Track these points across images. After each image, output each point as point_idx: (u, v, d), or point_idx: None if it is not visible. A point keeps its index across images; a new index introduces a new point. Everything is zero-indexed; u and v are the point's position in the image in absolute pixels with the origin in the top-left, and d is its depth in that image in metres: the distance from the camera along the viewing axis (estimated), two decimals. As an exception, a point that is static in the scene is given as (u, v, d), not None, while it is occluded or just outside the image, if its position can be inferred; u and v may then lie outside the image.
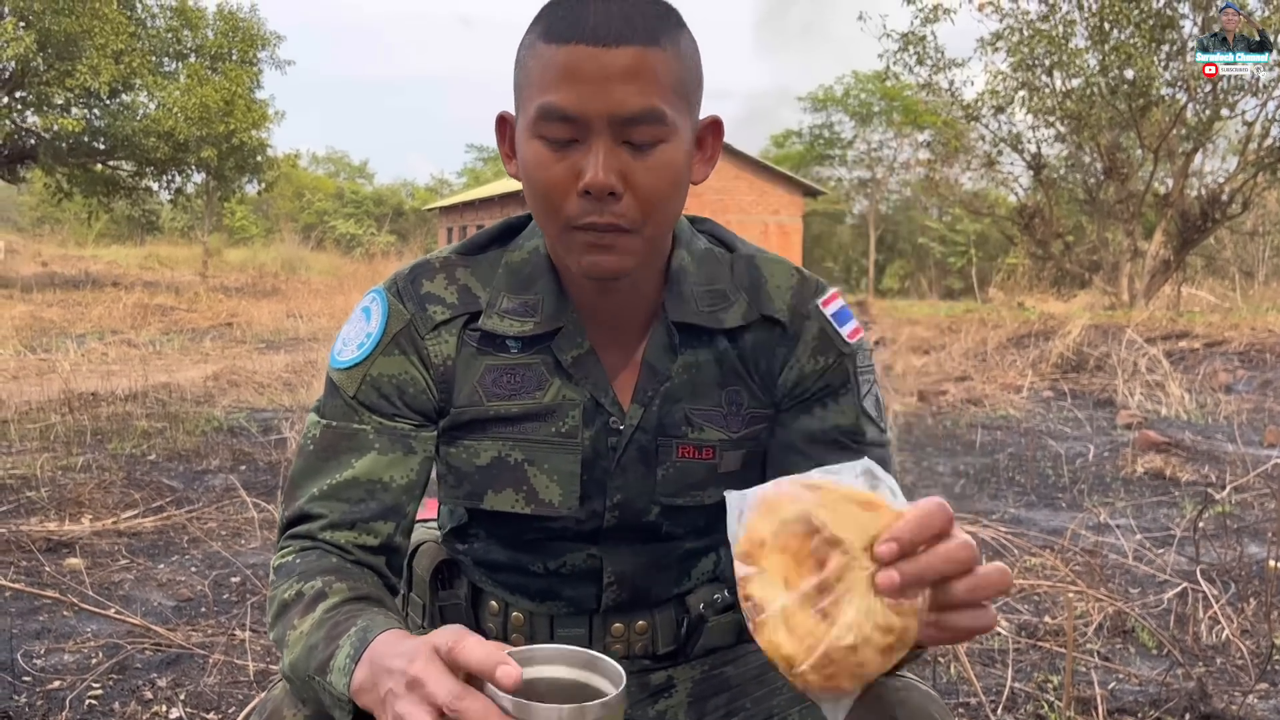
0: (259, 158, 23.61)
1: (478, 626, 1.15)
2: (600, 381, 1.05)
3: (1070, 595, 2.80)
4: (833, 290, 1.11)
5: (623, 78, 0.89)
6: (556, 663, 0.76)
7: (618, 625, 1.12)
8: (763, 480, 1.11)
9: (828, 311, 1.08)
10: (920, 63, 19.24)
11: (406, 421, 1.03)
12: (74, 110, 21.09)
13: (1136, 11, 16.47)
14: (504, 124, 1.02)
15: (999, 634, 2.82)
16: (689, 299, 1.05)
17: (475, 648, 0.72)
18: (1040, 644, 2.77)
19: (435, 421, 1.05)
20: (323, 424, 1.03)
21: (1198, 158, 18.61)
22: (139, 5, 22.23)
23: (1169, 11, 16.74)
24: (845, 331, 1.08)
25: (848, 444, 1.06)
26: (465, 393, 1.04)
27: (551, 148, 0.92)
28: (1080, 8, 17.55)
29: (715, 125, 1.02)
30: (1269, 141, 17.41)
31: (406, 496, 1.02)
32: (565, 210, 0.93)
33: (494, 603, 1.14)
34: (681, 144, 0.95)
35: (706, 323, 1.05)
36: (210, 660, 2.50)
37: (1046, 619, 2.96)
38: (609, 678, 0.74)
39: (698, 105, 0.98)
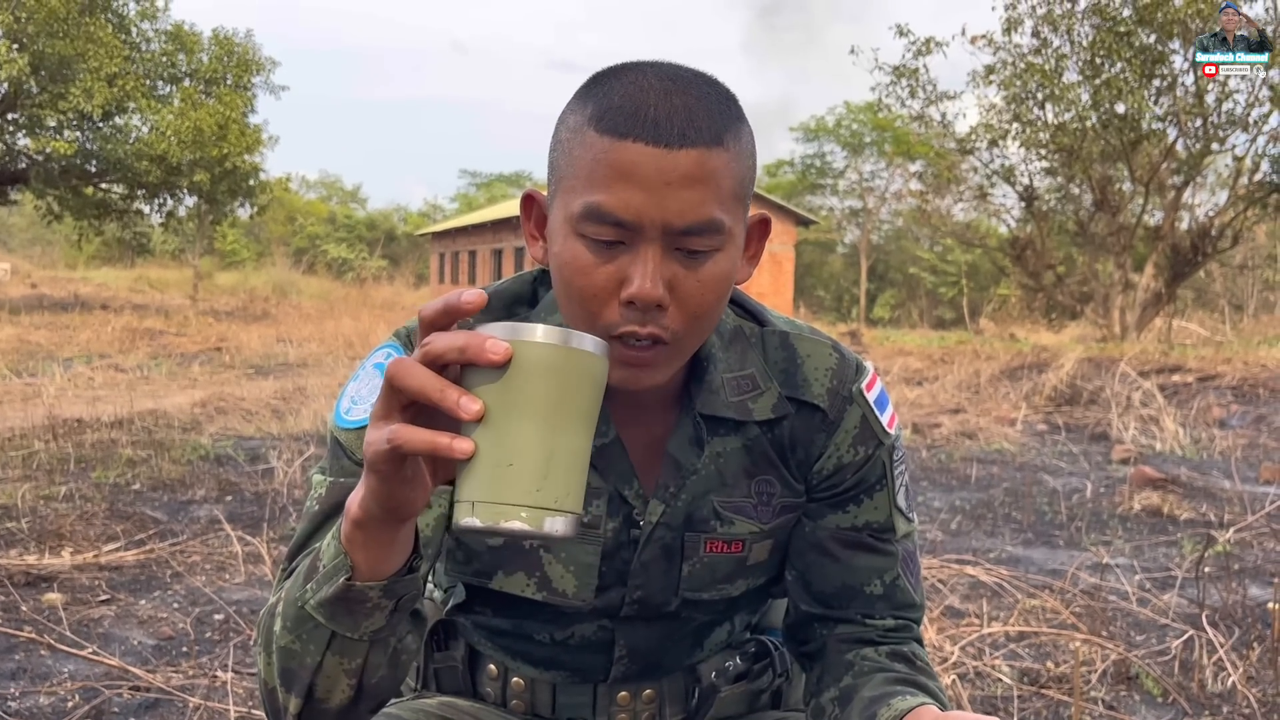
0: (251, 182, 23.58)
1: (475, 690, 1.09)
2: (624, 473, 0.98)
3: (1076, 643, 2.74)
4: (872, 371, 1.04)
5: (683, 184, 0.80)
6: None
7: (624, 694, 1.06)
8: (783, 569, 1.07)
9: (870, 397, 1.01)
10: (913, 95, 19.36)
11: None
12: (66, 133, 21.04)
13: (1127, 47, 16.61)
14: (531, 202, 0.93)
15: (1001, 681, 2.76)
16: (717, 389, 0.97)
17: (426, 309, 0.68)
18: (1044, 691, 2.70)
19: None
20: (329, 481, 0.93)
21: (1188, 191, 18.73)
22: (134, 29, 22.24)
23: (1159, 47, 16.88)
24: (885, 419, 1.02)
25: (876, 544, 1.01)
26: None
27: (595, 250, 0.83)
28: (1071, 43, 17.70)
29: (763, 224, 0.94)
30: (1258, 176, 17.54)
31: (426, 550, 0.93)
32: (603, 318, 0.84)
33: (493, 666, 1.08)
34: (734, 251, 0.87)
35: (735, 414, 0.98)
36: (190, 705, 2.42)
37: (1049, 664, 2.90)
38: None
39: (750, 202, 0.91)
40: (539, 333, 0.66)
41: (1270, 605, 3.33)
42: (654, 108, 0.81)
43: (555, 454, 0.66)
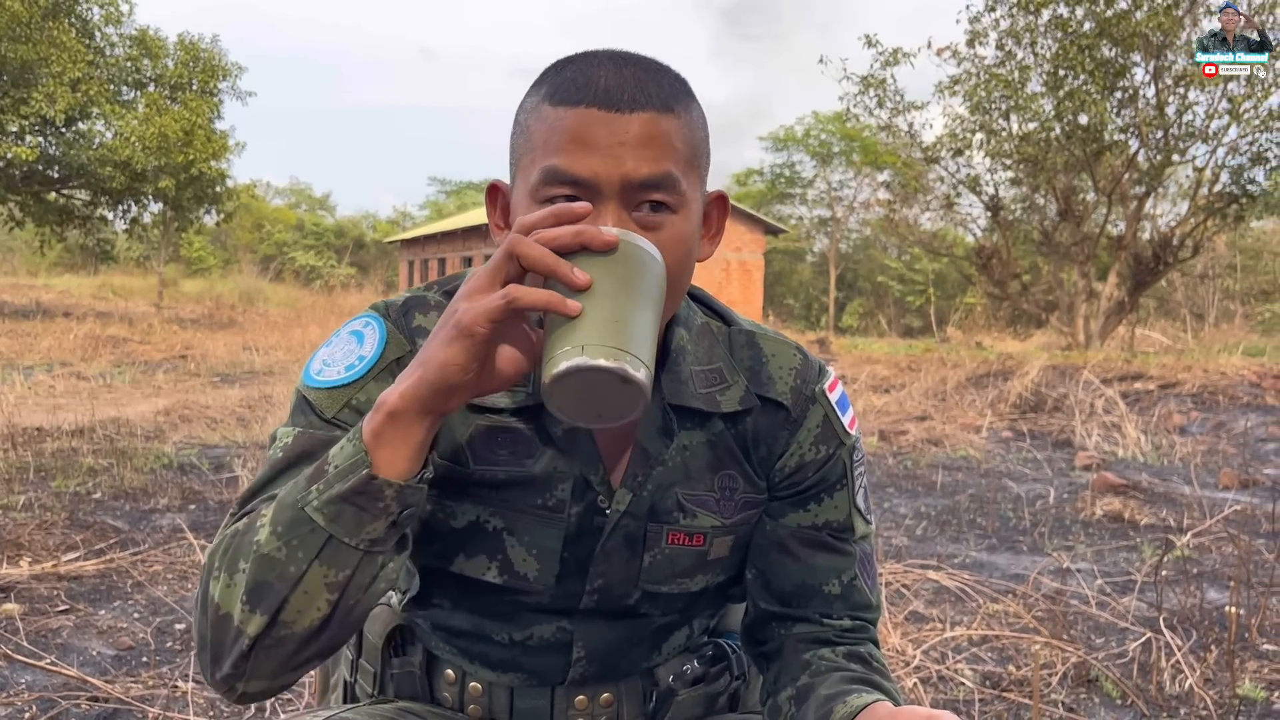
0: (218, 188, 23.36)
1: (432, 696, 1.09)
2: (590, 458, 0.98)
3: (1037, 647, 2.77)
4: (834, 375, 1.07)
5: (636, 143, 0.84)
6: None
7: (581, 698, 1.06)
8: (743, 567, 1.08)
9: (832, 398, 1.04)
10: (880, 105, 19.53)
11: None
12: (28, 138, 20.76)
13: (1089, 60, 16.85)
14: (496, 193, 0.95)
15: (963, 684, 2.78)
16: (686, 380, 0.99)
17: (530, 217, 0.78)
18: (1005, 694, 2.73)
19: None
20: (297, 431, 0.91)
21: (1150, 202, 19.02)
22: (98, 33, 22.01)
23: (1120, 60, 17.14)
24: (846, 420, 1.04)
25: (835, 543, 1.03)
26: (448, 445, 0.96)
27: None
28: (1035, 55, 17.93)
29: (720, 200, 0.96)
30: (1218, 187, 17.84)
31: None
32: None
33: (450, 671, 1.07)
34: (691, 216, 0.89)
35: (704, 405, 0.99)
36: (149, 716, 2.39)
37: (1010, 668, 2.93)
38: None
39: (705, 179, 0.94)
40: (615, 232, 0.77)
41: (1227, 609, 3.38)
42: (605, 78, 0.85)
43: (648, 326, 0.76)
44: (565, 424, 0.95)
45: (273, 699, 2.52)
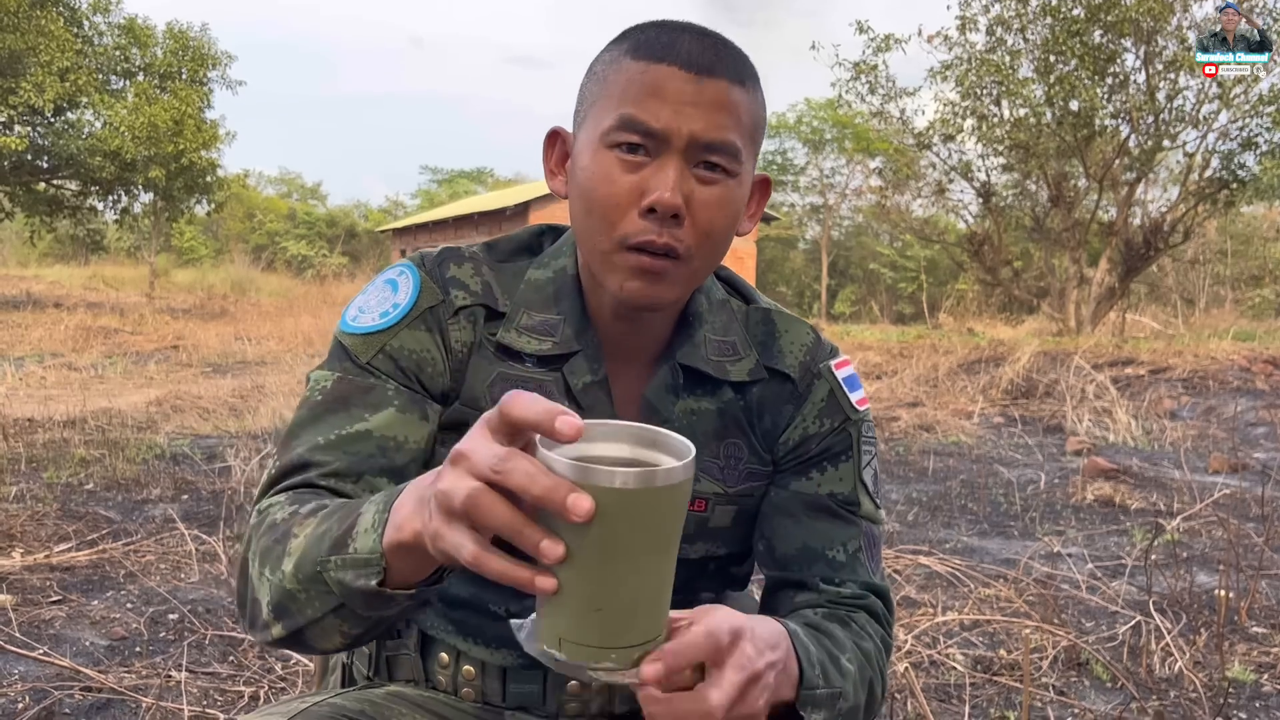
0: (208, 178, 23.26)
1: (426, 679, 1.10)
2: (605, 413, 1.00)
3: (1027, 631, 2.78)
4: (844, 356, 1.09)
5: (710, 107, 0.89)
6: (617, 440, 0.66)
7: (574, 683, 1.07)
8: (749, 538, 1.09)
9: (839, 375, 1.07)
10: (872, 91, 19.50)
11: (422, 393, 0.98)
12: (17, 128, 20.64)
13: (1079, 45, 16.85)
14: (555, 139, 1.00)
15: (955, 669, 2.80)
16: (700, 344, 1.03)
17: (529, 402, 0.62)
18: (996, 678, 2.75)
19: (443, 405, 1.01)
20: (335, 375, 0.96)
21: (1140, 187, 19.03)
22: (86, 22, 21.86)
23: (1111, 45, 17.14)
24: (854, 398, 1.07)
25: (841, 513, 1.04)
26: (473, 390, 1.00)
27: (621, 162, 0.90)
28: (1025, 40, 17.92)
29: (764, 184, 1.01)
30: (1209, 172, 17.86)
31: (415, 465, 0.95)
32: (622, 227, 0.90)
33: (444, 654, 1.08)
34: (743, 186, 0.94)
35: (713, 371, 1.03)
36: (143, 705, 2.40)
37: (1002, 652, 2.95)
38: (675, 454, 0.65)
39: (757, 159, 0.98)
40: (618, 479, 0.59)
41: (1217, 592, 3.41)
42: (688, 43, 0.90)
43: (641, 592, 0.63)
44: (585, 377, 1.00)
45: (265, 687, 2.53)
